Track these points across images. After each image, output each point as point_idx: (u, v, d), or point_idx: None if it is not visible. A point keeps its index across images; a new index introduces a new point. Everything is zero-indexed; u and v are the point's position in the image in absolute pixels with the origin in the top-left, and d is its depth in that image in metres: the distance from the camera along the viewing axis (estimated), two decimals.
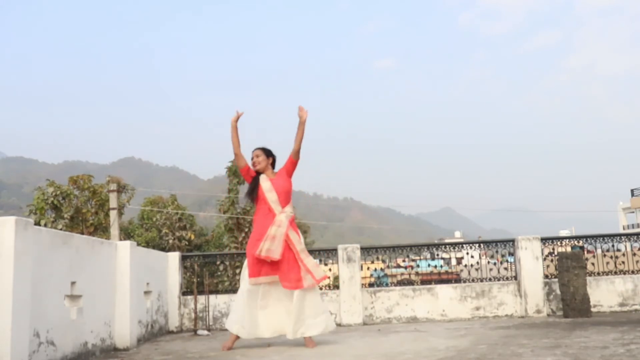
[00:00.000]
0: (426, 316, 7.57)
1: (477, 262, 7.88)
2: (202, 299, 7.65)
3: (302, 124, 5.25)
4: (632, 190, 56.43)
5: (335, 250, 7.81)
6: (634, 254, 7.89)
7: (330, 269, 8.25)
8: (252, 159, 5.36)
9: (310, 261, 5.11)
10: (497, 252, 8.25)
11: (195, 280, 7.93)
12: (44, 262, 4.21)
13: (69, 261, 4.61)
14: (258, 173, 5.35)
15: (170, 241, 25.89)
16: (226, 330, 7.43)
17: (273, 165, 5.43)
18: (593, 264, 7.76)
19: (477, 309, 7.56)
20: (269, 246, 4.97)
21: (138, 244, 6.93)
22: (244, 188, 24.31)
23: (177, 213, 27.18)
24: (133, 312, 5.72)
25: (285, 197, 5.24)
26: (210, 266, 8.35)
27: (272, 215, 5.14)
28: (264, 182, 5.25)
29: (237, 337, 5.17)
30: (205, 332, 7.06)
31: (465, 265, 7.95)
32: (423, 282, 8.13)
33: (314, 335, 5.06)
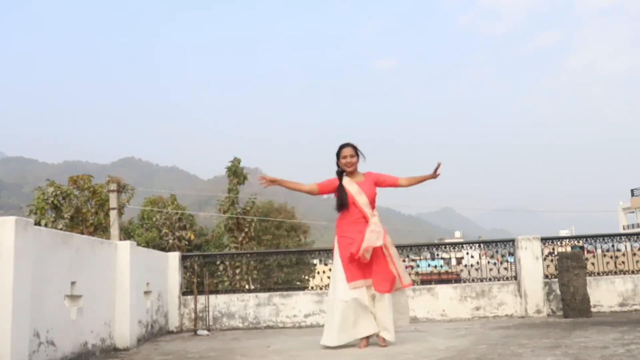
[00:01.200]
0: (426, 316, 7.56)
1: (477, 262, 7.87)
2: (202, 299, 7.65)
3: (426, 179, 5.00)
4: (632, 190, 56.44)
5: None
6: (634, 254, 7.89)
7: (330, 269, 8.24)
8: (345, 158, 4.94)
9: (401, 265, 4.95)
10: (497, 252, 8.25)
11: (195, 280, 7.93)
12: (44, 262, 4.21)
13: (69, 261, 4.61)
14: (340, 177, 4.99)
15: (170, 241, 25.89)
16: (226, 330, 7.46)
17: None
18: (593, 264, 7.76)
19: (477, 309, 7.56)
20: (375, 237, 4.69)
21: (138, 244, 6.93)
22: (243, 188, 24.34)
23: (177, 213, 27.17)
24: (133, 312, 5.72)
25: (373, 202, 4.98)
26: (210, 266, 8.35)
27: (364, 219, 4.86)
28: (350, 186, 4.92)
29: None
30: (205, 332, 7.06)
31: (465, 265, 7.95)
32: (423, 282, 8.14)
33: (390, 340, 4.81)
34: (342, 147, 5.00)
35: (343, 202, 4.90)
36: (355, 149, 4.99)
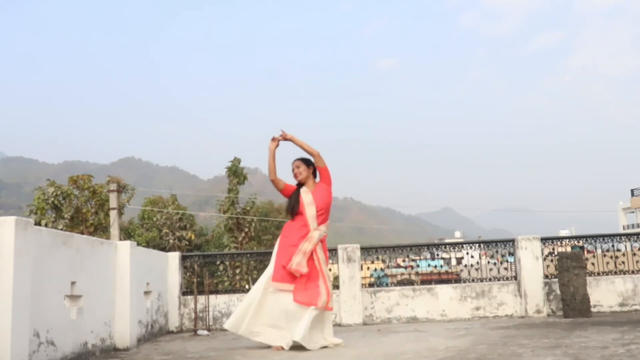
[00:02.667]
0: (426, 316, 7.56)
1: (477, 262, 7.87)
2: (202, 299, 7.65)
3: (295, 142, 5.20)
4: (632, 190, 56.44)
5: (335, 250, 7.80)
6: (634, 254, 7.89)
7: (330, 269, 8.24)
8: (293, 170, 5.24)
9: (329, 285, 5.03)
10: (497, 252, 8.25)
11: (195, 280, 7.93)
12: (44, 262, 4.20)
13: (69, 261, 4.61)
14: (299, 185, 5.24)
15: (171, 241, 25.91)
16: (226, 330, 7.45)
17: (314, 174, 5.29)
18: (593, 264, 7.76)
19: (477, 309, 7.56)
20: (300, 260, 4.89)
21: (138, 244, 6.93)
22: (243, 188, 24.36)
23: (177, 213, 27.19)
24: (133, 312, 5.72)
25: (325, 212, 5.13)
26: (210, 266, 8.35)
27: (306, 229, 5.05)
28: (305, 195, 5.12)
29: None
30: (205, 332, 7.06)
31: (465, 265, 7.95)
32: (423, 282, 8.13)
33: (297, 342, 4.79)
34: (294, 160, 5.30)
35: (293, 209, 5.15)
36: (303, 160, 5.26)
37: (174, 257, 7.79)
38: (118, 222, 18.66)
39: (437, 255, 8.36)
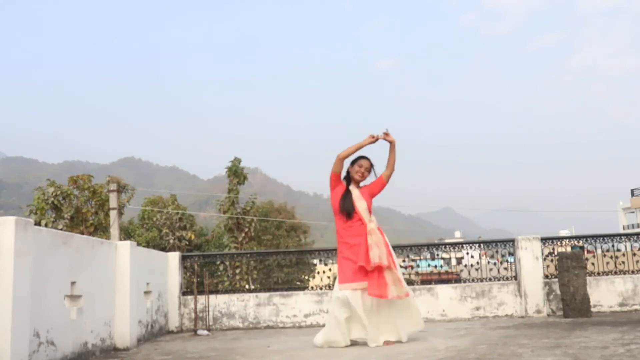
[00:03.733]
0: (426, 316, 7.55)
1: (477, 262, 7.87)
2: (202, 299, 7.64)
3: (393, 147, 5.10)
4: (632, 190, 56.45)
5: (335, 250, 7.78)
6: (634, 254, 7.89)
7: (330, 269, 8.25)
8: (361, 167, 5.11)
9: (400, 273, 5.04)
10: (497, 252, 8.25)
11: (195, 280, 7.93)
12: (44, 262, 4.21)
13: (69, 261, 4.61)
14: (347, 184, 5.14)
15: (171, 241, 25.90)
16: (226, 330, 7.46)
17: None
18: (593, 264, 7.75)
19: (477, 309, 7.56)
20: (379, 253, 4.84)
21: (138, 244, 6.93)
22: (243, 188, 24.35)
23: (177, 213, 27.19)
24: (133, 312, 5.72)
25: (371, 208, 5.12)
26: (210, 266, 8.34)
27: (362, 224, 4.98)
28: (354, 190, 5.10)
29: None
30: (205, 332, 7.06)
31: (465, 265, 7.94)
32: (423, 282, 8.14)
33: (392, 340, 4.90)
34: (362, 157, 5.16)
35: (349, 208, 5.02)
36: (370, 162, 5.16)
37: (174, 257, 7.79)
38: (118, 222, 18.66)
39: (437, 255, 8.36)
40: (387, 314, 4.93)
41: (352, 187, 5.12)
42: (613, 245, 7.92)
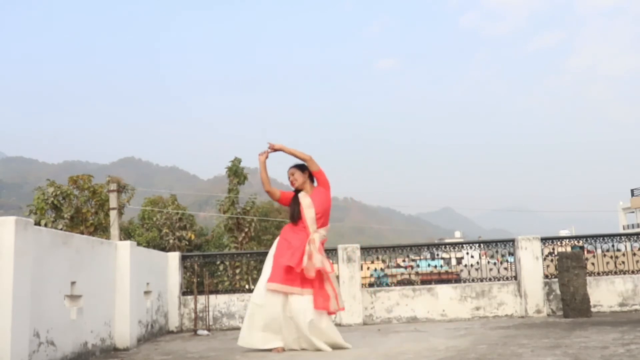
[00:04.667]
0: (426, 316, 7.56)
1: (477, 262, 7.87)
2: (202, 299, 7.65)
3: (286, 151, 5.12)
4: (632, 190, 56.43)
5: (335, 250, 7.81)
6: (634, 254, 7.89)
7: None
8: (289, 178, 5.21)
9: (337, 288, 5.03)
10: (497, 252, 8.25)
11: (195, 280, 7.93)
12: (44, 262, 4.20)
13: (69, 261, 4.61)
14: (297, 191, 5.18)
15: (171, 241, 25.91)
16: (226, 330, 7.46)
17: (311, 178, 5.21)
18: (593, 264, 7.76)
19: (477, 309, 7.56)
20: (307, 264, 4.81)
21: (138, 244, 6.93)
22: (243, 188, 24.35)
23: (177, 213, 27.19)
24: (133, 312, 5.72)
25: (324, 215, 5.07)
26: (210, 266, 8.35)
27: (306, 232, 4.97)
28: (304, 199, 5.07)
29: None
30: (205, 332, 7.06)
31: (465, 265, 7.95)
32: (423, 282, 8.13)
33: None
34: (290, 168, 5.26)
35: (294, 215, 5.08)
36: (297, 167, 5.21)
37: (174, 257, 7.79)
38: (118, 222, 18.66)
39: (437, 255, 8.36)
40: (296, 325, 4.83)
41: (303, 195, 5.11)
42: (613, 245, 7.92)
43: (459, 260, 8.45)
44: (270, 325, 4.84)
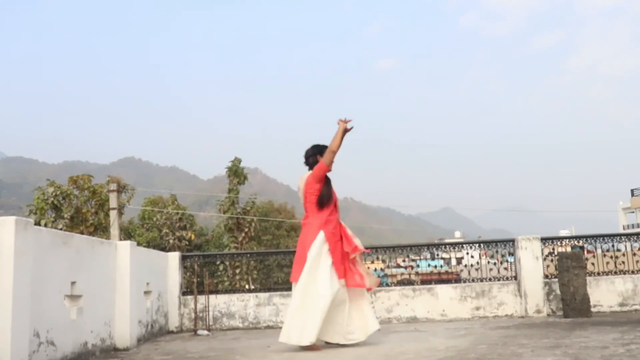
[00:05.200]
0: (426, 316, 7.56)
1: (477, 262, 7.87)
2: (202, 299, 7.64)
3: (340, 131, 4.98)
4: (632, 190, 56.45)
5: None
6: (634, 254, 7.89)
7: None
8: (317, 159, 5.17)
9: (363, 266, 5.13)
10: (497, 252, 8.25)
11: (195, 280, 7.93)
12: (44, 262, 4.20)
13: (69, 261, 4.61)
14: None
15: (171, 241, 25.91)
16: (226, 330, 7.46)
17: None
18: (593, 264, 7.76)
19: (477, 309, 7.56)
20: (359, 242, 4.96)
21: (138, 244, 6.93)
22: (243, 188, 24.34)
23: (177, 213, 27.19)
24: (133, 312, 5.72)
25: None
26: (210, 266, 8.34)
27: (337, 214, 5.07)
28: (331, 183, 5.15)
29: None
30: (205, 332, 7.06)
31: (465, 265, 7.94)
32: (423, 282, 8.13)
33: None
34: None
35: (330, 196, 5.04)
36: (320, 152, 5.18)
37: (174, 257, 7.79)
38: (118, 222, 18.65)
39: (437, 255, 8.36)
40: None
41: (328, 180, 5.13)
42: (613, 245, 7.92)
43: (459, 260, 8.45)
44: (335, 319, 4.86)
